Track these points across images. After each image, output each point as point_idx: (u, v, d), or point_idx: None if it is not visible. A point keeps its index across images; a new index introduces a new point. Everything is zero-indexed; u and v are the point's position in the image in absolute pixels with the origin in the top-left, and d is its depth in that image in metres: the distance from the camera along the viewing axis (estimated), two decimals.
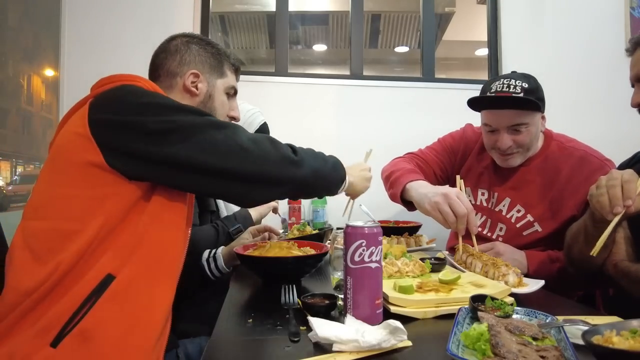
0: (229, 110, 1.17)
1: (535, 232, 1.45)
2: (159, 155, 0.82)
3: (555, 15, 2.59)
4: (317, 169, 0.94)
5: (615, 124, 2.34)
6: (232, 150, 0.84)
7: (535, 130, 1.41)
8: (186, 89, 1.08)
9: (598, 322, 0.72)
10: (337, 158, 1.06)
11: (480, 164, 1.59)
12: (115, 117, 0.84)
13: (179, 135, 0.83)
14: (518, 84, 1.37)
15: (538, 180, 1.46)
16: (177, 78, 1.08)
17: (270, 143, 0.89)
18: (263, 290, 1.13)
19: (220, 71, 1.13)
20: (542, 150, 1.48)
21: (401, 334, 0.69)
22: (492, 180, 1.55)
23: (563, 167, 1.43)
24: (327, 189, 1.02)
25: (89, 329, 0.77)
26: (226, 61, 1.15)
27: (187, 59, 1.09)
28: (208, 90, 1.11)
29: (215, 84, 1.12)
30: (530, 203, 1.46)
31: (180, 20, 2.30)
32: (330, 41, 4.70)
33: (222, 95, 1.14)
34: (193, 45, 1.11)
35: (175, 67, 1.08)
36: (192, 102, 1.09)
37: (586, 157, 1.42)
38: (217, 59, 1.13)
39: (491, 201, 1.54)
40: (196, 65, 1.09)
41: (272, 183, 0.89)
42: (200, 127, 0.84)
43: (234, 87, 1.17)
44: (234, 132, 0.87)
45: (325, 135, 2.39)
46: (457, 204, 1.21)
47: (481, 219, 1.56)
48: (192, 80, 1.08)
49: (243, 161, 0.84)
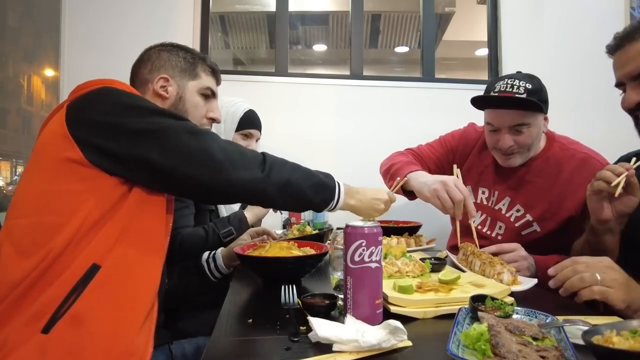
0: (206, 111, 1.19)
1: (533, 232, 1.45)
2: (132, 156, 0.86)
3: (555, 15, 2.59)
4: (287, 184, 0.93)
5: (615, 124, 2.33)
6: (202, 159, 0.87)
7: (536, 131, 1.41)
8: (156, 93, 1.11)
9: (598, 322, 0.72)
10: (334, 178, 1.04)
11: (482, 162, 1.59)
12: (92, 116, 0.87)
13: (153, 139, 0.86)
14: (522, 84, 1.37)
15: (539, 181, 1.46)
16: (148, 84, 1.12)
17: (240, 155, 0.91)
18: (263, 290, 1.13)
19: (193, 73, 1.16)
20: (544, 151, 1.48)
21: (401, 334, 0.69)
22: (493, 179, 1.55)
23: (564, 168, 1.43)
24: (303, 206, 1.02)
25: (80, 314, 0.80)
26: (200, 64, 1.17)
27: (157, 64, 1.13)
28: (178, 93, 1.13)
29: (186, 86, 1.14)
30: (529, 203, 1.46)
31: (180, 20, 2.31)
32: (330, 41, 4.70)
33: (195, 97, 1.15)
34: (164, 52, 1.14)
35: (146, 74, 1.12)
36: (163, 105, 1.11)
37: (588, 159, 1.43)
38: (189, 62, 1.16)
39: (491, 200, 1.54)
40: (166, 70, 1.13)
41: (236, 194, 0.92)
42: (175, 132, 0.87)
43: (209, 87, 1.18)
44: (206, 140, 0.89)
45: (325, 135, 2.39)
46: (454, 191, 1.26)
47: (481, 217, 1.56)
48: (162, 85, 1.11)
49: (211, 171, 0.87)
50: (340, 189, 1.03)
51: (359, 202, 1.07)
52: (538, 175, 1.47)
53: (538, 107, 1.36)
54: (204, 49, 2.44)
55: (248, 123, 1.70)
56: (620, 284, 0.85)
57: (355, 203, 1.07)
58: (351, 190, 1.07)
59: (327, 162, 2.23)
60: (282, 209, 1.01)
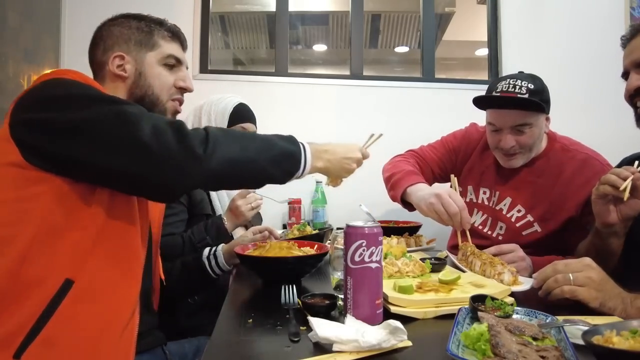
0: (174, 81, 1.06)
1: (534, 232, 1.45)
2: (63, 155, 0.78)
3: (555, 15, 2.59)
4: (236, 159, 0.83)
5: (615, 124, 2.34)
6: (132, 149, 0.77)
7: (538, 131, 1.41)
8: (114, 74, 1.00)
9: (598, 322, 0.72)
10: (297, 141, 0.93)
11: (483, 162, 1.59)
12: (27, 114, 0.80)
13: (81, 135, 0.78)
14: (524, 84, 1.37)
15: (540, 181, 1.46)
16: (105, 67, 1.01)
17: (175, 134, 0.79)
18: (263, 290, 1.12)
19: (149, 44, 1.03)
20: (545, 151, 1.48)
21: (401, 334, 0.69)
22: (494, 179, 1.55)
23: (565, 169, 1.43)
24: (262, 182, 0.90)
25: (54, 335, 0.75)
26: (157, 30, 1.05)
27: (110, 43, 1.01)
28: (137, 69, 1.01)
29: (144, 59, 1.02)
30: (530, 204, 1.46)
31: (180, 20, 2.26)
32: (330, 41, 4.70)
33: (156, 69, 1.03)
34: (114, 27, 1.03)
35: (100, 56, 1.02)
36: (125, 86, 1.01)
37: (589, 160, 1.43)
38: (143, 31, 1.03)
39: (492, 200, 1.55)
40: (120, 46, 1.01)
41: (175, 181, 0.81)
42: (104, 123, 0.78)
43: (171, 55, 1.05)
44: (137, 125, 0.77)
45: (325, 136, 2.36)
46: (449, 204, 1.28)
47: (482, 217, 1.56)
48: (118, 64, 1.00)
49: (143, 160, 0.77)
50: (306, 152, 0.92)
51: (327, 162, 0.97)
52: (539, 176, 1.47)
53: (540, 107, 1.36)
54: (204, 49, 2.44)
55: (239, 117, 1.62)
56: (594, 281, 0.88)
57: (323, 165, 0.96)
58: (318, 149, 0.96)
59: None
60: (237, 188, 0.91)
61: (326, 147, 0.98)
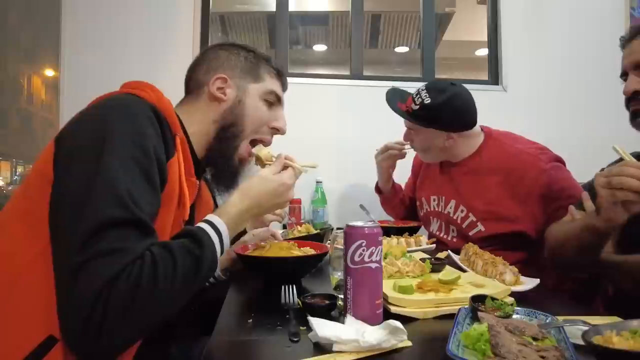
0: (269, 120, 1.06)
1: (479, 231, 1.48)
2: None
3: (555, 15, 2.59)
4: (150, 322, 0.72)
5: (614, 124, 2.34)
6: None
7: (426, 139, 1.55)
8: (212, 96, 0.98)
9: (598, 322, 0.72)
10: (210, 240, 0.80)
11: (429, 172, 1.71)
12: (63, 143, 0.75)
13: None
14: (425, 96, 1.48)
15: (474, 179, 1.50)
16: (204, 87, 0.99)
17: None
18: (263, 290, 1.12)
19: (255, 75, 1.02)
20: (478, 150, 1.52)
21: (401, 334, 0.69)
22: (438, 185, 1.63)
23: (499, 166, 1.46)
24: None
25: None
26: (264, 65, 1.04)
27: (215, 64, 1.00)
28: (238, 96, 1.00)
29: (247, 88, 1.01)
30: (470, 203, 1.50)
31: (180, 20, 2.30)
32: (330, 41, 4.70)
33: (256, 102, 1.02)
34: (223, 51, 1.02)
35: (202, 75, 1.00)
36: (219, 110, 0.99)
37: (519, 154, 1.44)
38: (251, 62, 1.02)
39: (441, 205, 1.61)
40: (224, 70, 1.00)
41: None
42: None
43: (274, 92, 1.05)
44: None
45: (325, 136, 2.39)
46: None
47: (437, 223, 1.64)
48: (219, 86, 0.98)
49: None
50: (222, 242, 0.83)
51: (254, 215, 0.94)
52: (473, 174, 1.51)
53: (423, 122, 1.50)
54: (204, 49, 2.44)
55: None
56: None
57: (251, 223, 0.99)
58: (236, 221, 0.88)
59: (327, 162, 2.23)
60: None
61: (247, 204, 0.90)
